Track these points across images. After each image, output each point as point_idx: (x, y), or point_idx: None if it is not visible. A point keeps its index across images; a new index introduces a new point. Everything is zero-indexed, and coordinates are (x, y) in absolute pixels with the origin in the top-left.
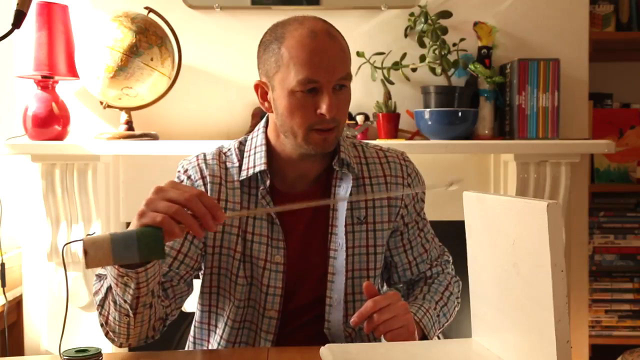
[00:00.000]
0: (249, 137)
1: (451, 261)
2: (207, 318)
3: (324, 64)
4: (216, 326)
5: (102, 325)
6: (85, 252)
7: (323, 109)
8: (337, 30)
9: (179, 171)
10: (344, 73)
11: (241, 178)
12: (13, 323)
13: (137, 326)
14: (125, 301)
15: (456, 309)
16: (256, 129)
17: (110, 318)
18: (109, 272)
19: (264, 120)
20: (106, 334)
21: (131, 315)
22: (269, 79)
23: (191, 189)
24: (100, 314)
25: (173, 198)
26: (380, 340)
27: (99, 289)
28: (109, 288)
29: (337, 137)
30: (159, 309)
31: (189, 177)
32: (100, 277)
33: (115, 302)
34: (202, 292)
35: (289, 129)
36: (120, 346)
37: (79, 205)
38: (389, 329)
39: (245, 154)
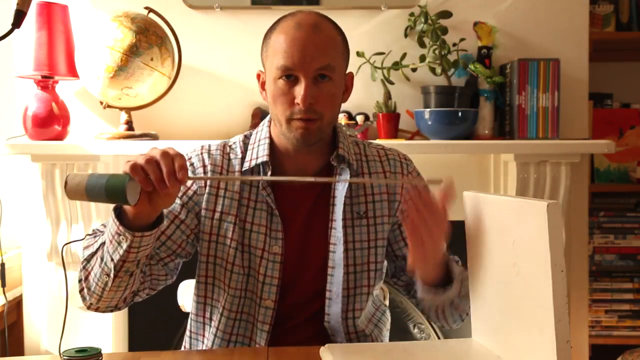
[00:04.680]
0: (255, 131)
1: (460, 262)
2: (202, 310)
3: (301, 53)
4: (211, 319)
5: (80, 280)
6: (66, 184)
7: (298, 97)
8: (331, 24)
9: None
10: (322, 63)
11: (243, 169)
12: (13, 323)
13: (112, 290)
14: (112, 259)
15: (468, 300)
16: (262, 122)
17: (92, 274)
18: (108, 228)
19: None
20: (81, 290)
21: (111, 276)
22: (264, 67)
23: (174, 150)
24: (83, 268)
25: (151, 153)
26: (381, 340)
27: (92, 244)
28: (103, 244)
29: (320, 129)
30: (136, 282)
31: (191, 165)
32: (95, 233)
33: (102, 259)
34: (197, 282)
35: (275, 117)
36: (89, 307)
37: (79, 205)
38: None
39: (250, 147)
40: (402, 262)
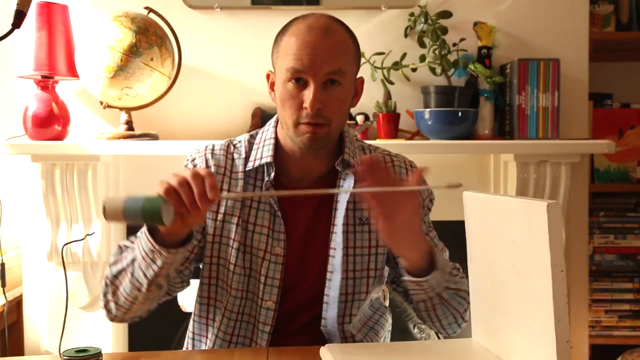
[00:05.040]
0: (261, 131)
1: (461, 270)
2: (206, 312)
3: (311, 56)
4: (214, 320)
5: (105, 294)
6: (104, 209)
7: (306, 102)
8: (344, 28)
9: (186, 159)
10: (332, 68)
11: (247, 169)
12: (13, 323)
13: (141, 303)
14: (145, 275)
15: (462, 300)
16: (268, 123)
17: (121, 289)
18: (142, 245)
19: (277, 115)
20: (106, 304)
21: (143, 290)
22: (274, 68)
23: (204, 170)
24: (111, 283)
25: (182, 174)
26: (377, 339)
27: (119, 260)
28: (134, 260)
29: (328, 134)
30: (163, 294)
31: (194, 166)
32: (122, 248)
33: (132, 274)
34: (200, 283)
35: (283, 120)
36: (113, 320)
37: (79, 205)
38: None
39: (254, 146)
40: (402, 271)
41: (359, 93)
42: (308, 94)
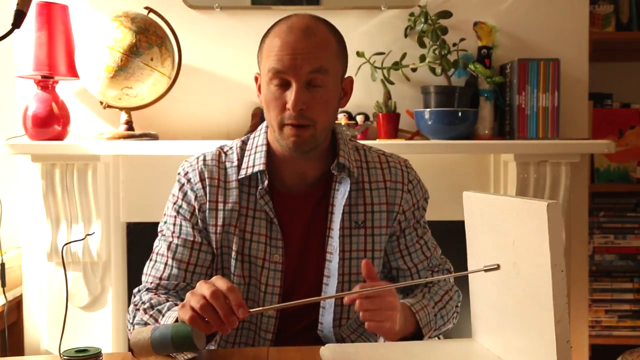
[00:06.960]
0: (252, 136)
1: (452, 271)
2: None
3: (292, 56)
4: None
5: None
6: (132, 351)
7: (289, 103)
8: (326, 27)
9: (179, 173)
10: (314, 66)
11: (240, 177)
12: (13, 323)
13: None
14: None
15: (455, 317)
16: (259, 128)
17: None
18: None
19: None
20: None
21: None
22: (260, 70)
23: (223, 283)
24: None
25: (203, 293)
26: (375, 342)
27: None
28: None
29: (313, 136)
30: None
31: (188, 181)
32: (147, 313)
33: None
34: None
35: (269, 122)
36: None
37: (79, 205)
38: (370, 319)
39: (246, 153)
40: (394, 273)
41: (348, 93)
42: (290, 95)
